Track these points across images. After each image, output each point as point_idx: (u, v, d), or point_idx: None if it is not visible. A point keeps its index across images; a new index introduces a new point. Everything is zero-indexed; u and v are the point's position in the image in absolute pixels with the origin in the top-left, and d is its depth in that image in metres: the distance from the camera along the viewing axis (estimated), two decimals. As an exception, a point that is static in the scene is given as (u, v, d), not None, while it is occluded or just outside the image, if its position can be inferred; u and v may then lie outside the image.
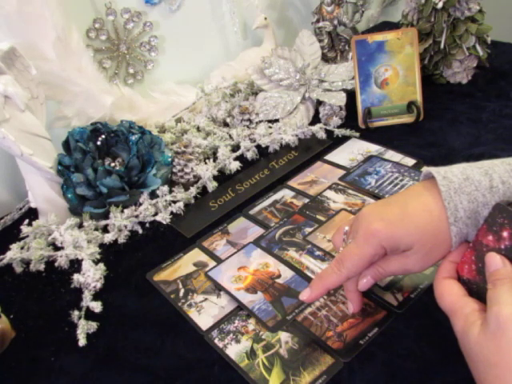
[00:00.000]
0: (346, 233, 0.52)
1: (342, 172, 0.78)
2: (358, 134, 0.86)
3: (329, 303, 0.57)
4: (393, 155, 0.80)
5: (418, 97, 0.86)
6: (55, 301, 0.64)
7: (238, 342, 0.55)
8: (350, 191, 0.74)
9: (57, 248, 0.69)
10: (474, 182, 0.44)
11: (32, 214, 0.76)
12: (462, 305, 0.42)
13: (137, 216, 0.73)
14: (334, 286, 0.50)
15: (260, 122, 0.90)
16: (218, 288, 0.62)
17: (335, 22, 1.02)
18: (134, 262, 0.69)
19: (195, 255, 0.68)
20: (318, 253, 0.64)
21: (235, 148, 0.85)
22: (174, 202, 0.75)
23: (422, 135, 0.84)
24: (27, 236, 0.70)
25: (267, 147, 0.86)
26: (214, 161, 0.82)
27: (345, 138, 0.86)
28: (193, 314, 0.59)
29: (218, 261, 0.66)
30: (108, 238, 0.70)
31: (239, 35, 1.06)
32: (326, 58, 1.04)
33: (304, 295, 0.51)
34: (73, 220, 0.70)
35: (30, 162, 0.69)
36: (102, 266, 0.65)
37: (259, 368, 0.51)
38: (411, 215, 0.46)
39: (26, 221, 0.71)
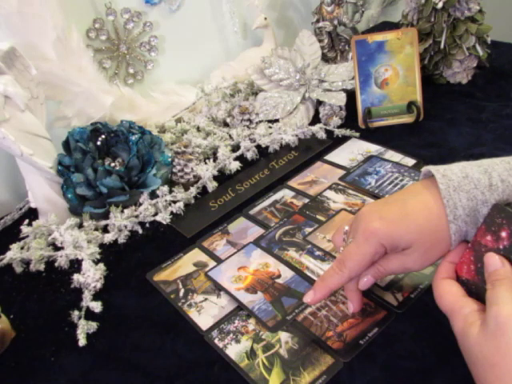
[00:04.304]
0: (345, 232, 0.52)
1: (342, 172, 0.78)
2: (358, 134, 0.86)
3: (329, 303, 0.57)
4: (393, 155, 0.80)
5: (417, 97, 0.86)
6: (55, 301, 0.64)
7: (238, 342, 0.55)
8: (350, 191, 0.74)
9: (57, 248, 0.69)
10: (474, 180, 0.44)
11: (32, 214, 0.76)
12: (461, 305, 0.42)
13: (137, 216, 0.73)
14: (336, 286, 0.50)
15: (260, 121, 0.90)
16: (218, 288, 0.62)
17: (335, 22, 1.02)
18: (134, 262, 0.69)
19: (195, 255, 0.68)
20: (317, 253, 0.64)
21: (235, 148, 0.85)
22: (174, 201, 0.75)
23: (422, 135, 0.84)
24: (27, 236, 0.70)
25: (267, 147, 0.86)
26: (214, 161, 0.82)
27: (345, 138, 0.86)
28: (193, 314, 0.59)
29: (218, 261, 0.66)
30: (108, 237, 0.70)
31: (239, 35, 1.06)
32: (326, 58, 1.04)
33: (308, 297, 0.51)
34: (73, 220, 0.70)
35: (30, 162, 0.69)
36: (102, 266, 0.65)
37: (259, 368, 0.51)
38: (410, 214, 0.46)
39: (26, 221, 0.71)
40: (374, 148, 0.82)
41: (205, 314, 0.59)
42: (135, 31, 0.91)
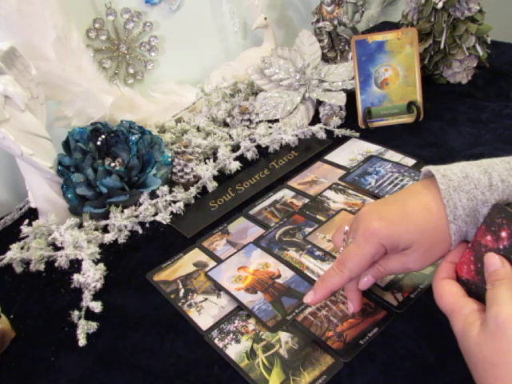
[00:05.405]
0: (345, 232, 0.52)
1: (342, 172, 0.78)
2: (358, 134, 0.86)
3: (329, 303, 0.57)
4: (393, 155, 0.80)
5: (417, 97, 0.86)
6: (55, 301, 0.64)
7: (237, 342, 0.55)
8: (350, 191, 0.74)
9: (57, 248, 0.69)
10: (474, 180, 0.44)
11: (32, 214, 0.76)
12: (461, 305, 0.42)
13: (137, 216, 0.73)
14: (337, 287, 0.50)
15: (260, 121, 0.90)
16: (218, 288, 0.62)
17: (335, 22, 1.02)
18: (134, 262, 0.69)
19: (195, 255, 0.68)
20: (317, 253, 0.64)
21: (235, 148, 0.85)
22: (174, 202, 0.75)
23: (422, 135, 0.84)
24: (27, 236, 0.70)
25: (267, 147, 0.86)
26: (214, 161, 0.82)
27: (345, 138, 0.86)
28: (193, 314, 0.59)
29: (218, 261, 0.66)
30: (108, 238, 0.70)
31: (239, 35, 1.06)
32: (326, 58, 1.04)
33: (308, 298, 0.51)
34: (73, 220, 0.70)
35: (30, 162, 0.69)
36: (102, 266, 0.65)
37: (259, 368, 0.51)
38: (410, 214, 0.46)
39: (26, 221, 0.71)
40: (374, 148, 0.82)
41: (205, 313, 0.59)
42: (135, 31, 0.91)
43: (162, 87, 0.96)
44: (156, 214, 0.74)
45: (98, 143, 0.75)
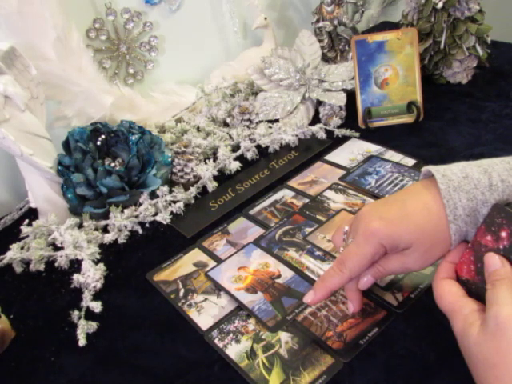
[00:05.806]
0: (345, 232, 0.52)
1: (341, 172, 0.78)
2: (358, 134, 0.86)
3: (329, 303, 0.57)
4: (393, 155, 0.80)
5: (417, 97, 0.86)
6: (55, 301, 0.64)
7: (237, 342, 0.55)
8: (350, 191, 0.74)
9: (57, 248, 0.69)
10: (474, 180, 0.44)
11: (32, 214, 0.76)
12: (461, 305, 0.42)
13: (137, 216, 0.73)
14: (337, 287, 0.50)
15: (260, 121, 0.90)
16: (218, 288, 0.62)
17: (335, 22, 1.02)
18: (134, 262, 0.69)
19: (195, 255, 0.68)
20: (317, 253, 0.64)
21: (235, 148, 0.85)
22: (174, 202, 0.75)
23: (422, 135, 0.84)
24: (27, 236, 0.70)
25: (267, 147, 0.86)
26: (214, 161, 0.82)
27: (345, 138, 0.86)
28: (193, 314, 0.59)
29: (218, 261, 0.66)
30: (108, 238, 0.70)
31: (239, 35, 1.06)
32: (326, 58, 1.04)
33: (308, 298, 0.51)
34: (73, 220, 0.70)
35: (30, 162, 0.69)
36: (102, 266, 0.65)
37: (259, 368, 0.51)
38: (410, 214, 0.46)
39: (26, 221, 0.71)
40: (374, 148, 0.82)
41: (205, 314, 0.59)
42: (135, 31, 0.91)
43: (162, 87, 0.96)
44: (156, 214, 0.74)
45: (98, 143, 0.75)
